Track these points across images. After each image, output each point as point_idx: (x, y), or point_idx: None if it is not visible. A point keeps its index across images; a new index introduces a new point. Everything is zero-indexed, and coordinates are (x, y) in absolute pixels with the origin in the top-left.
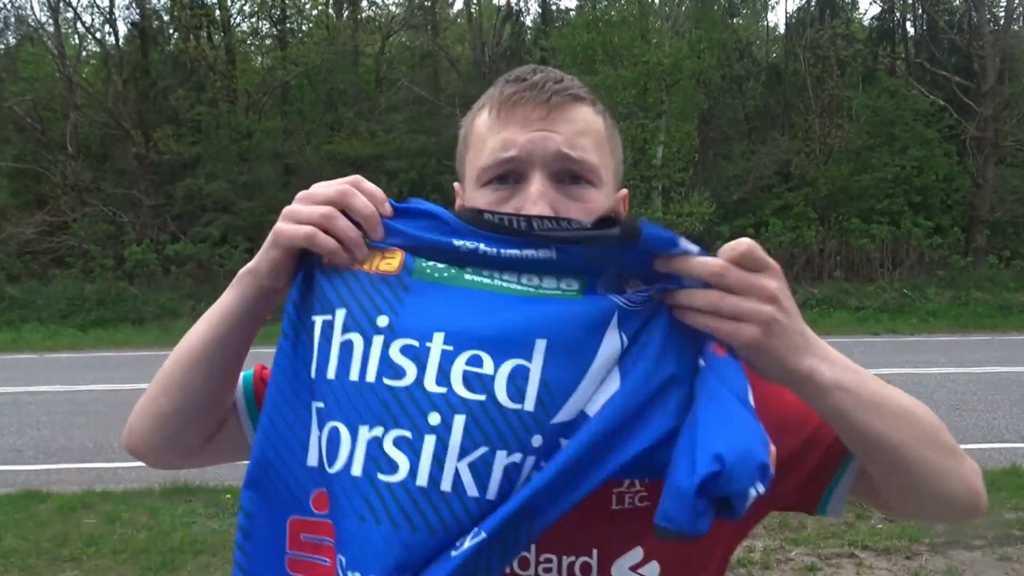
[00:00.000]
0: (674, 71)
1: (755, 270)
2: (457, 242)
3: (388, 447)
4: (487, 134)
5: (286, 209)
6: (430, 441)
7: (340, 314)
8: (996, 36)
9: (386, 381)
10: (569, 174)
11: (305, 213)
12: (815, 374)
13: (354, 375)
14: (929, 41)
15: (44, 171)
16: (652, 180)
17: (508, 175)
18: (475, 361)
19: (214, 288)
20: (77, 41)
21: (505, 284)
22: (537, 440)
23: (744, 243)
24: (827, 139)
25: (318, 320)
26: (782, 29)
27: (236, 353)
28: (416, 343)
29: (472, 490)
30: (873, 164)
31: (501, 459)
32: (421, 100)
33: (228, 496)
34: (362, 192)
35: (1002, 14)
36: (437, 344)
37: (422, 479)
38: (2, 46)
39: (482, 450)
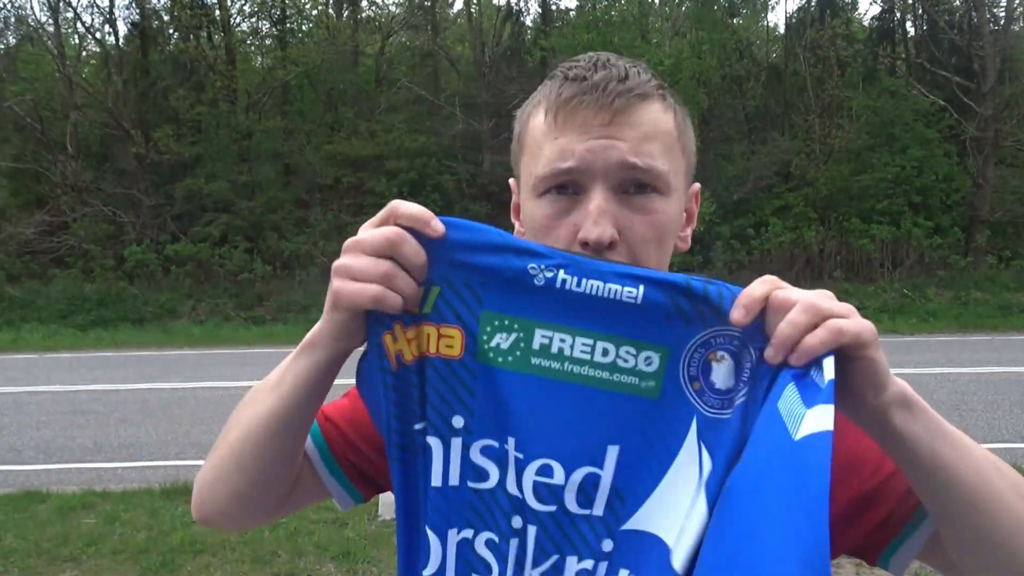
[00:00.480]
0: (674, 71)
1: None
2: (532, 266)
3: (480, 548)
4: (543, 139)
5: (339, 265)
6: (513, 544)
7: (428, 420)
8: (996, 36)
9: (471, 484)
10: (634, 183)
11: (363, 270)
12: (905, 391)
13: (436, 480)
14: (929, 41)
15: (44, 171)
16: None
17: (567, 185)
18: (545, 471)
19: (214, 288)
20: (77, 41)
21: (577, 370)
22: (608, 545)
23: (774, 281)
24: (827, 139)
25: (430, 434)
26: (782, 29)
27: (309, 419)
28: (495, 443)
29: None
30: (873, 164)
31: (572, 565)
32: (421, 100)
33: None
34: (403, 217)
35: (1002, 14)
36: (511, 448)
37: None
38: (2, 46)
39: (553, 558)
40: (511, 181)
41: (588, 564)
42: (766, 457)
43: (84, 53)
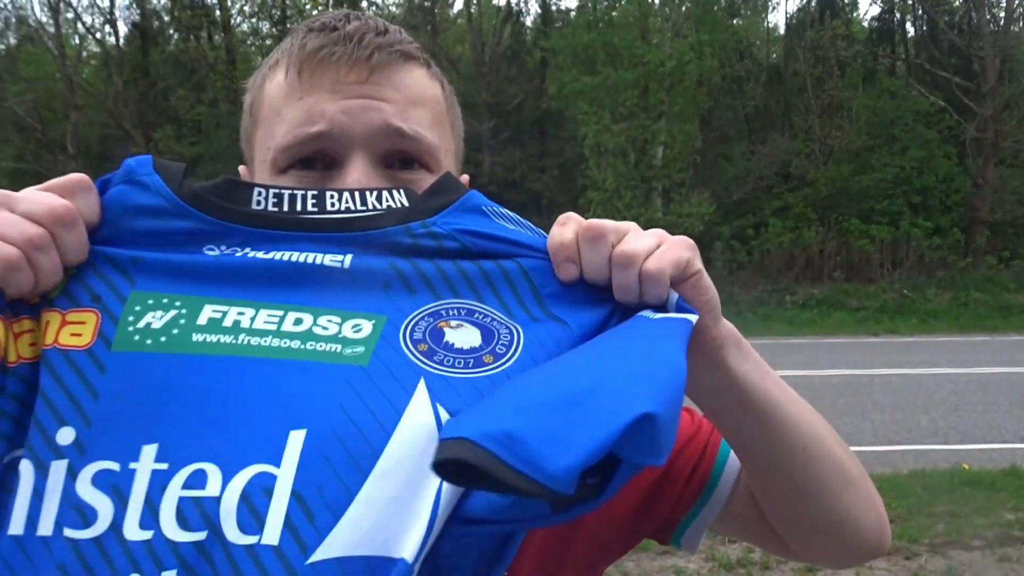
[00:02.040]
0: (675, 72)
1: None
2: (209, 249)
3: None
4: (283, 102)
5: None
6: None
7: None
8: (996, 37)
9: (67, 533)
10: (399, 156)
11: (7, 227)
12: (733, 330)
13: (15, 528)
14: (929, 42)
15: (44, 171)
16: (652, 181)
17: (316, 157)
18: (197, 479)
19: None
20: (77, 41)
21: (255, 342)
22: None
23: (577, 221)
24: (827, 140)
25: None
26: (782, 30)
27: None
28: (116, 466)
29: None
30: (873, 165)
31: None
32: None
33: None
34: (83, 210)
35: (1002, 14)
36: (146, 462)
37: None
38: (2, 46)
39: None
40: (241, 169)
41: None
42: (615, 332)
43: (84, 53)
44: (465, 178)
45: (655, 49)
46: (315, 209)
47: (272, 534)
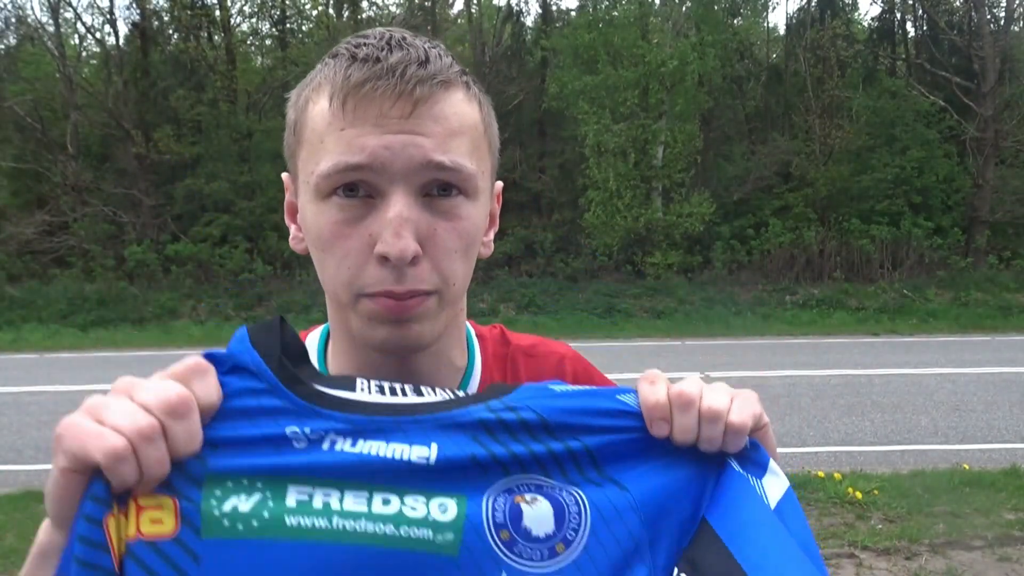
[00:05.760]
0: (676, 72)
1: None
2: (291, 429)
3: None
4: (326, 130)
5: (90, 402)
6: None
7: None
8: (996, 36)
9: None
10: (439, 184)
11: (119, 414)
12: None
13: None
14: (929, 42)
15: (44, 171)
16: (652, 180)
17: (358, 185)
18: None
19: (214, 288)
20: (77, 41)
21: (350, 526)
22: None
23: (664, 382)
24: (827, 140)
25: None
26: (782, 30)
27: None
28: None
29: None
30: (873, 165)
31: None
32: None
33: None
34: (201, 402)
35: (1002, 14)
36: None
37: None
38: (2, 46)
39: None
40: (284, 176)
41: None
42: (755, 530)
43: (84, 53)
44: (499, 185)
45: (656, 49)
46: (405, 398)
47: None
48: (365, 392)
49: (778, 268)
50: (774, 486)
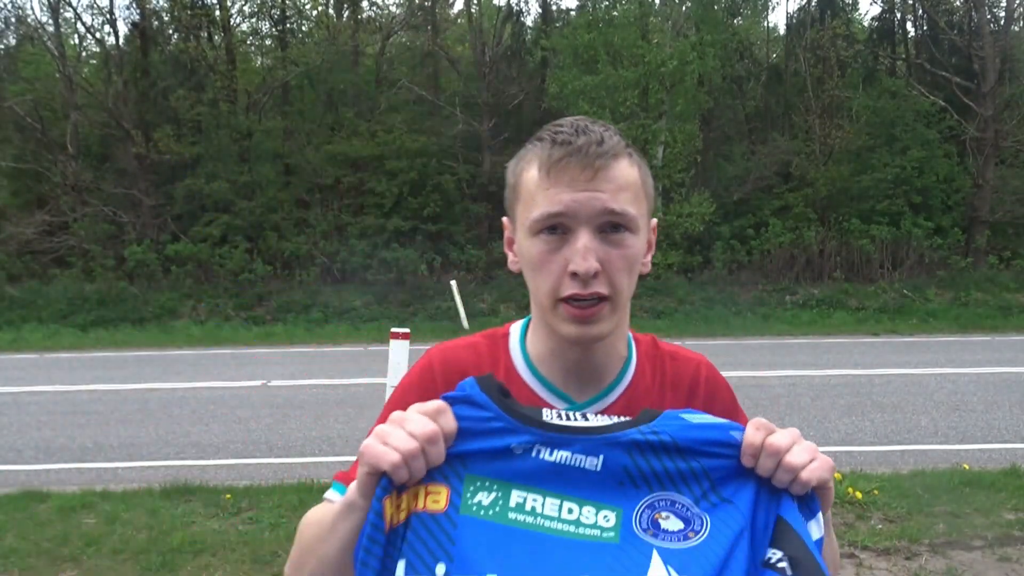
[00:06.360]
0: (676, 72)
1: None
2: (514, 444)
3: None
4: (536, 191)
5: (378, 428)
6: None
7: (400, 567)
8: (996, 36)
9: None
10: (611, 225)
11: (396, 441)
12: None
13: None
14: (929, 42)
15: (44, 171)
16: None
17: (557, 227)
18: None
19: (214, 288)
20: (77, 41)
21: (547, 524)
22: None
23: (764, 426)
24: (827, 140)
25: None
26: (782, 30)
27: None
28: None
29: None
30: (873, 165)
31: None
32: (421, 100)
33: (228, 496)
34: (443, 427)
35: (1002, 14)
36: None
37: None
38: (2, 46)
39: None
40: (504, 220)
41: None
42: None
43: (84, 53)
44: (654, 221)
45: (656, 49)
46: (583, 422)
47: None
48: (551, 417)
49: (778, 268)
50: (815, 530)
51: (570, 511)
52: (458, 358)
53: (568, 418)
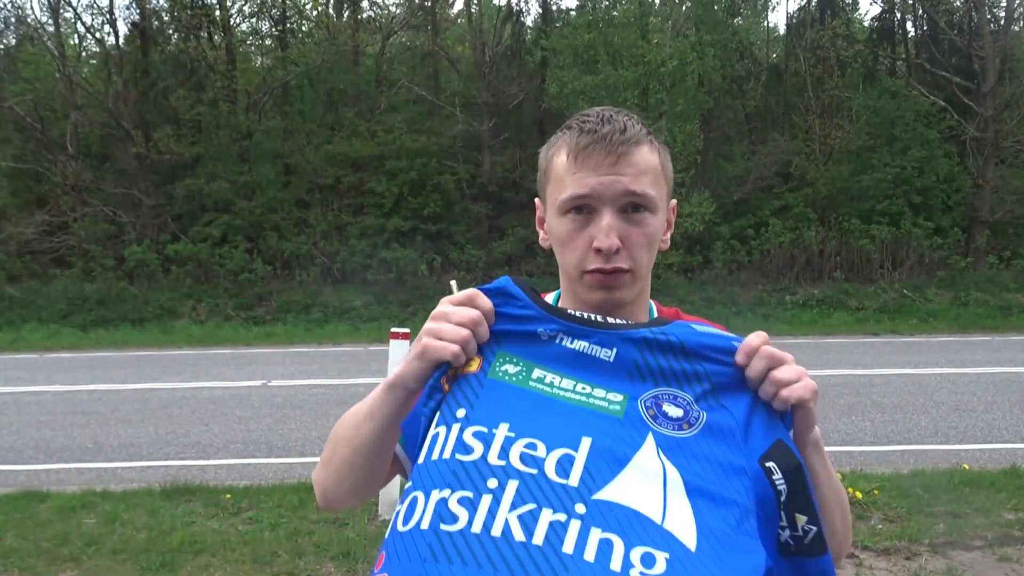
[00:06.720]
0: (676, 72)
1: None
2: (541, 329)
3: (452, 504)
4: (565, 174)
5: (429, 326)
6: (486, 499)
7: (434, 420)
8: (996, 36)
9: (458, 456)
10: (632, 205)
11: (449, 333)
12: (818, 436)
13: (435, 455)
14: (929, 42)
15: (44, 171)
16: None
17: (583, 207)
18: (531, 446)
19: (214, 288)
20: (77, 41)
21: (561, 392)
22: (580, 508)
23: (764, 338)
24: (827, 140)
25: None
26: (782, 30)
27: (396, 436)
28: (485, 429)
29: (519, 535)
30: (873, 165)
31: (547, 515)
32: (421, 100)
33: (228, 496)
34: (480, 309)
35: (1002, 14)
36: (502, 431)
37: (476, 527)
38: (2, 46)
39: (530, 506)
40: (536, 201)
41: (561, 517)
42: (734, 483)
43: (84, 53)
44: (674, 202)
45: (656, 49)
46: (603, 320)
47: (574, 480)
48: (576, 315)
49: (778, 268)
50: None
51: (583, 390)
52: None
53: (590, 318)
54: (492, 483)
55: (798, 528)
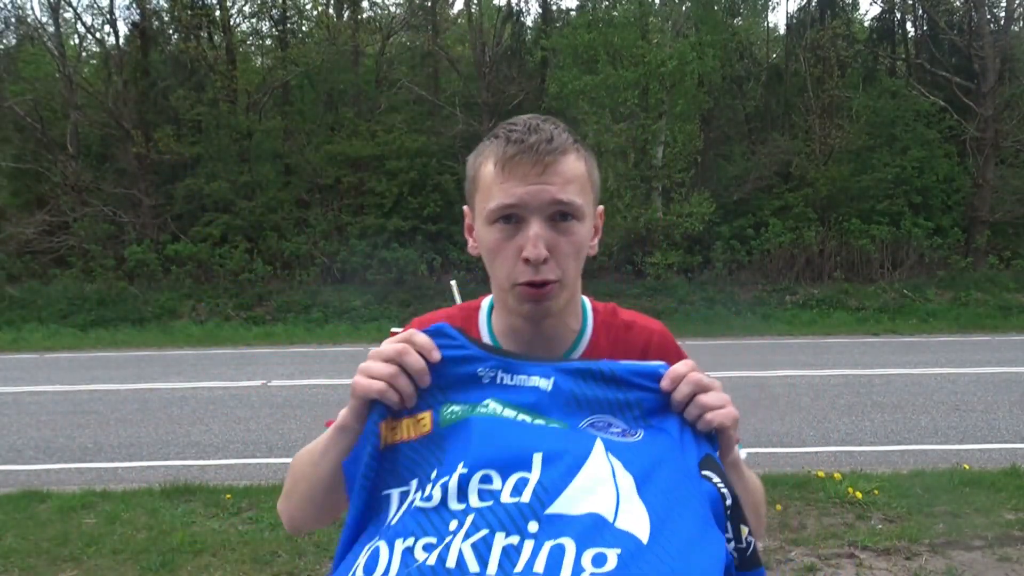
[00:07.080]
0: (676, 72)
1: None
2: (480, 370)
3: (417, 551)
4: (492, 184)
5: (362, 365)
6: (447, 539)
7: (413, 483)
8: (996, 36)
9: (417, 504)
10: (559, 214)
11: (376, 370)
12: (736, 456)
13: (415, 499)
14: (929, 42)
15: (44, 171)
16: (652, 180)
17: (511, 216)
18: (486, 479)
19: (214, 288)
20: (77, 41)
21: (505, 415)
22: (533, 526)
23: (692, 366)
24: (827, 140)
25: (394, 492)
26: (782, 30)
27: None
28: (446, 477)
29: (473, 566)
30: (873, 165)
31: (500, 540)
32: (421, 100)
33: (228, 496)
34: (415, 346)
35: (1002, 14)
36: (458, 471)
37: (431, 560)
38: (2, 46)
39: (483, 532)
40: (465, 208)
41: (514, 540)
42: (681, 480)
43: (84, 53)
44: (600, 209)
45: (655, 49)
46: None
47: (527, 496)
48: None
49: (778, 268)
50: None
51: (524, 418)
52: (435, 322)
53: (525, 352)
54: (453, 525)
55: (742, 540)
